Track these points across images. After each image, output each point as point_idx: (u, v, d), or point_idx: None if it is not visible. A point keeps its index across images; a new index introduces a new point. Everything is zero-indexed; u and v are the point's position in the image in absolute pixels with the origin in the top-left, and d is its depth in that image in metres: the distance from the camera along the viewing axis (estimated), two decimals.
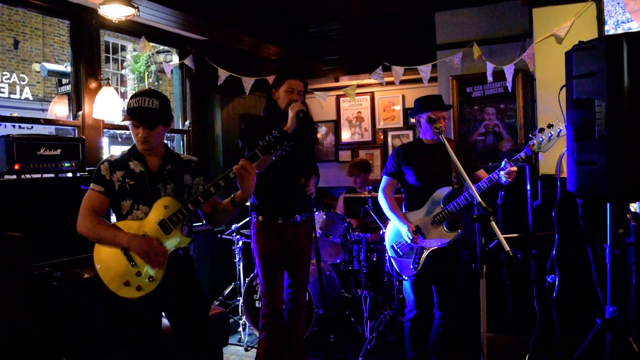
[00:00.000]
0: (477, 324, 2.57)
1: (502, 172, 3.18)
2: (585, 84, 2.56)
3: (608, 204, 2.70)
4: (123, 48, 15.02)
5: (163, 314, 2.72)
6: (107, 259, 2.50)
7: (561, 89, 2.77)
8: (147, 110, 2.54)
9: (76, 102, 4.41)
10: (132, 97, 2.59)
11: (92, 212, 2.54)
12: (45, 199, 3.42)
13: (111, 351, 3.13)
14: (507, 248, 2.46)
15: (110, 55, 14.76)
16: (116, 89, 10.52)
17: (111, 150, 10.57)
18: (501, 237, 2.47)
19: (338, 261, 4.92)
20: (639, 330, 2.83)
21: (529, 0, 3.72)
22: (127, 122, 2.60)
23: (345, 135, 6.77)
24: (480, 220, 2.56)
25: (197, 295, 2.72)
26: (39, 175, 3.49)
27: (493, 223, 2.52)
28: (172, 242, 2.53)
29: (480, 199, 2.62)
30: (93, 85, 4.43)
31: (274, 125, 2.63)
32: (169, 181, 2.62)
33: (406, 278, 3.54)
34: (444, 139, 3.13)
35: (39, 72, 12.50)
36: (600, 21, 3.47)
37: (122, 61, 14.97)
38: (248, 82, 5.26)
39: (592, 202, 3.14)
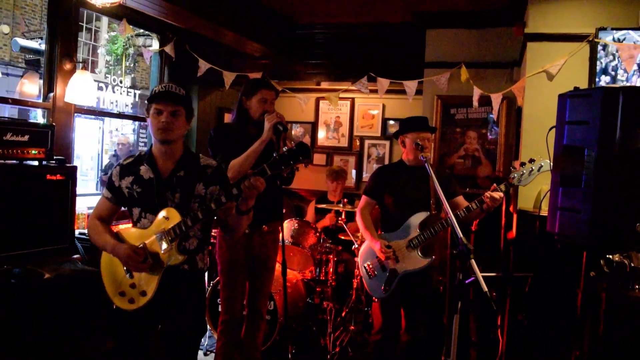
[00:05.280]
0: (442, 348, 2.55)
1: (487, 193, 3.16)
2: (577, 131, 2.56)
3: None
4: (98, 18, 14.47)
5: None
6: (109, 263, 2.49)
7: (550, 129, 2.76)
8: (172, 93, 2.39)
9: (48, 82, 4.18)
10: (156, 87, 2.47)
11: (97, 217, 2.54)
12: (6, 187, 3.22)
13: (72, 353, 3.00)
14: (486, 289, 2.45)
15: (84, 24, 14.21)
16: (86, 59, 10.08)
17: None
18: (480, 277, 2.45)
19: (306, 271, 4.85)
20: None
21: (525, 33, 3.70)
22: (151, 110, 2.42)
23: (322, 139, 6.68)
24: (461, 257, 2.54)
25: (191, 318, 2.51)
26: (1, 161, 3.29)
27: (473, 262, 2.50)
28: (167, 258, 2.34)
29: (462, 235, 2.59)
30: (67, 66, 4.20)
31: (245, 134, 2.56)
32: (178, 189, 2.41)
33: (376, 300, 3.51)
34: (429, 167, 3.10)
35: (7, 34, 11.94)
36: (593, 62, 3.48)
37: (96, 32, 14.43)
38: (229, 77, 5.12)
39: (569, 246, 3.16)
